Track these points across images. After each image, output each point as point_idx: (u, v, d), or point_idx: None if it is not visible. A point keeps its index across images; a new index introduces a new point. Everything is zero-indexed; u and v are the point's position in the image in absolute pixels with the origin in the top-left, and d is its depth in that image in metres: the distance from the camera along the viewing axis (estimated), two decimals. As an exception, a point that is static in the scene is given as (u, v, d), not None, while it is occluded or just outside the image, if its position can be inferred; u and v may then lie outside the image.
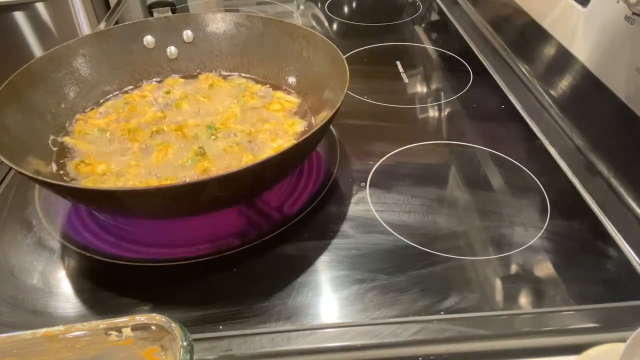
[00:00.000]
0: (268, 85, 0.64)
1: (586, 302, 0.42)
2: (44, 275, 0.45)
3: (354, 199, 0.53)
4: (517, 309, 0.41)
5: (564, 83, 0.65)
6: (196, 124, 0.57)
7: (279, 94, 0.62)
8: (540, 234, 0.48)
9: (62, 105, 0.57)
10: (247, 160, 0.52)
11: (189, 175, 0.51)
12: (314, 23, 0.95)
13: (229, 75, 0.66)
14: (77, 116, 0.58)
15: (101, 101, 0.61)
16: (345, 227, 0.49)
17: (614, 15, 0.54)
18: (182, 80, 0.65)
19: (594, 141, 0.58)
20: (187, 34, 0.66)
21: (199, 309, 0.42)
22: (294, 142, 0.46)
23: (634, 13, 0.51)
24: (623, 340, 0.37)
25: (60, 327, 0.31)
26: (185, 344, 0.30)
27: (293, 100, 0.61)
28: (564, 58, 0.64)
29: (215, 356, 0.38)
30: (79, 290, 0.44)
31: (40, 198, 0.54)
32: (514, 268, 0.45)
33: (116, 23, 0.94)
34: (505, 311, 0.41)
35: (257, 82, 0.65)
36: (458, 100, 0.70)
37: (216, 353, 0.38)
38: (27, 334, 0.31)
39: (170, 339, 0.30)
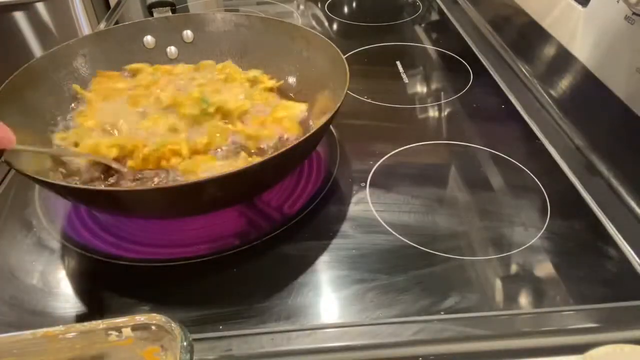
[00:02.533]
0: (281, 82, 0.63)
1: (586, 302, 0.42)
2: (44, 275, 0.45)
3: (354, 199, 0.53)
4: (517, 309, 0.41)
5: (564, 83, 0.65)
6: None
7: (287, 102, 0.60)
8: (540, 234, 0.48)
9: (62, 105, 0.57)
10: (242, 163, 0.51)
11: (177, 139, 0.51)
12: (314, 23, 0.95)
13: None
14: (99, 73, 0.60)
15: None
16: (345, 227, 0.49)
17: (614, 15, 0.54)
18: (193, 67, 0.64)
19: (594, 141, 0.58)
20: (187, 34, 0.66)
21: (199, 309, 0.42)
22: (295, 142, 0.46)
23: (634, 13, 0.51)
24: (623, 340, 0.37)
25: (60, 327, 0.31)
26: (185, 344, 0.30)
27: (301, 107, 0.59)
28: (564, 58, 0.64)
29: (215, 356, 0.38)
30: (79, 290, 0.44)
31: (40, 198, 0.54)
32: (514, 268, 0.45)
33: (116, 23, 0.94)
34: (506, 311, 0.41)
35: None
36: (458, 100, 0.70)
37: (216, 353, 0.38)
38: (27, 334, 0.31)
39: (170, 339, 0.30)
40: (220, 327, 0.40)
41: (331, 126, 0.61)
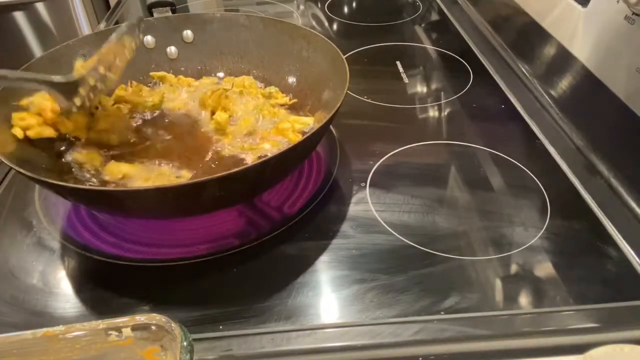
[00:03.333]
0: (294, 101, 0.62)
1: (586, 302, 0.42)
2: (44, 275, 0.45)
3: (354, 199, 0.53)
4: (517, 309, 0.41)
5: (564, 83, 0.65)
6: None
7: (294, 117, 0.59)
8: (540, 234, 0.48)
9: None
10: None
11: None
12: (314, 23, 0.95)
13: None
14: None
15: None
16: (345, 227, 0.49)
17: (614, 15, 0.54)
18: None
19: (594, 141, 0.58)
20: (187, 34, 0.66)
21: (199, 309, 0.42)
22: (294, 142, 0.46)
23: (634, 13, 0.51)
24: (623, 340, 0.37)
25: (60, 327, 0.31)
26: (185, 344, 0.30)
27: (306, 122, 0.57)
28: (564, 58, 0.64)
29: (215, 356, 0.38)
30: (79, 290, 0.44)
31: (40, 198, 0.54)
32: (514, 268, 0.45)
33: (116, 23, 0.94)
34: (505, 311, 0.41)
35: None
36: (458, 100, 0.70)
37: (216, 353, 0.38)
38: (27, 334, 0.31)
39: (170, 339, 0.30)
40: (220, 327, 0.40)
41: (331, 126, 0.61)
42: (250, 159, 0.52)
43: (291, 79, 0.63)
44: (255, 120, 0.57)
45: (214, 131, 0.56)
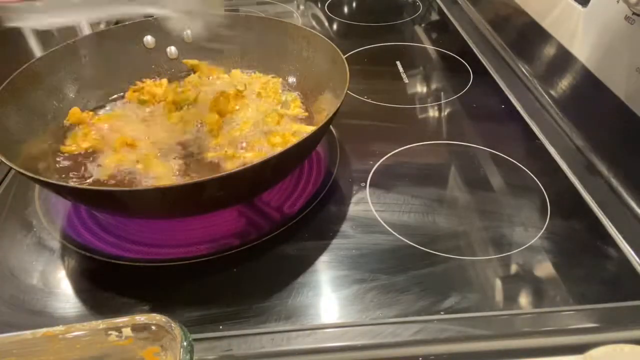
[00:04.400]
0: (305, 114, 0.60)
1: (586, 302, 0.42)
2: (44, 275, 0.45)
3: (354, 199, 0.53)
4: (517, 309, 0.41)
5: (564, 83, 0.65)
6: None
7: (297, 125, 0.58)
8: (540, 234, 0.48)
9: (62, 105, 0.57)
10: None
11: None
12: (314, 23, 0.95)
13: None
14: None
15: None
16: (345, 227, 0.49)
17: (614, 15, 0.54)
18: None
19: (594, 141, 0.58)
20: (187, 34, 0.66)
21: (199, 309, 0.42)
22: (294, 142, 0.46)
23: (634, 13, 0.51)
24: (622, 340, 0.37)
25: (60, 327, 0.31)
26: (185, 344, 0.30)
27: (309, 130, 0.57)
28: (564, 58, 0.64)
29: (215, 356, 0.38)
30: (79, 290, 0.44)
31: (40, 198, 0.54)
32: (514, 268, 0.45)
33: (116, 23, 0.93)
34: (505, 311, 0.41)
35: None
36: (458, 100, 0.70)
37: (216, 353, 0.38)
38: (27, 334, 0.31)
39: (170, 339, 0.30)
40: (220, 327, 0.40)
41: (331, 126, 0.61)
42: (228, 167, 0.52)
43: (291, 79, 0.63)
44: (252, 126, 0.56)
45: (206, 132, 0.56)
